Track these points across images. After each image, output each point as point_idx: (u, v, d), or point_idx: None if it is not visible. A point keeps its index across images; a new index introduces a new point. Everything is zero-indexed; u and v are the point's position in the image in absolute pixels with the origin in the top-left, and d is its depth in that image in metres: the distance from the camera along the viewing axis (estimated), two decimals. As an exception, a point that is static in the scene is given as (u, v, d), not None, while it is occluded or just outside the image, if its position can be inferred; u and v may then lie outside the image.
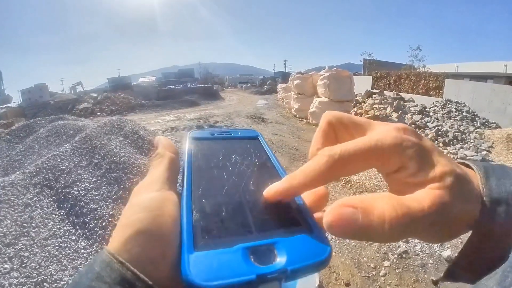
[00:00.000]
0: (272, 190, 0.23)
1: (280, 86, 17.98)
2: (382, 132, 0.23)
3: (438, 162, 0.22)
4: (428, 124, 7.35)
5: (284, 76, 36.10)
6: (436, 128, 6.96)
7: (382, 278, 2.30)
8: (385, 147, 0.22)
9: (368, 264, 2.44)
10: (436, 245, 2.72)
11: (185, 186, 0.24)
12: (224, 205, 0.23)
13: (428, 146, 0.23)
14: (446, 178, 0.21)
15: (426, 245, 2.70)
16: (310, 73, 10.03)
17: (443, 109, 8.36)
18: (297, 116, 9.71)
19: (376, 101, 9.76)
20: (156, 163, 0.27)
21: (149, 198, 0.23)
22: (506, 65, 18.78)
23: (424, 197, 0.20)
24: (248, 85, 36.68)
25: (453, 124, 7.12)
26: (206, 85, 27.81)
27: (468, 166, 0.25)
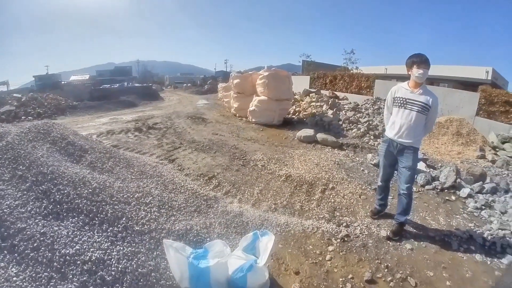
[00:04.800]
0: None
1: (220, 85, 17.85)
2: None
3: None
4: (360, 119, 8.09)
5: (225, 76, 35.82)
6: (368, 122, 7.70)
7: (329, 262, 2.47)
8: None
9: (314, 251, 2.59)
10: (374, 226, 3.02)
11: None
12: None
13: None
14: None
15: (365, 227, 2.99)
16: (249, 72, 10.14)
17: (374, 106, 9.28)
18: (237, 115, 9.73)
19: (313, 99, 10.38)
20: None
21: None
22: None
23: None
24: (189, 84, 35.38)
25: (382, 119, 7.94)
26: (145, 84, 26.19)
27: None
